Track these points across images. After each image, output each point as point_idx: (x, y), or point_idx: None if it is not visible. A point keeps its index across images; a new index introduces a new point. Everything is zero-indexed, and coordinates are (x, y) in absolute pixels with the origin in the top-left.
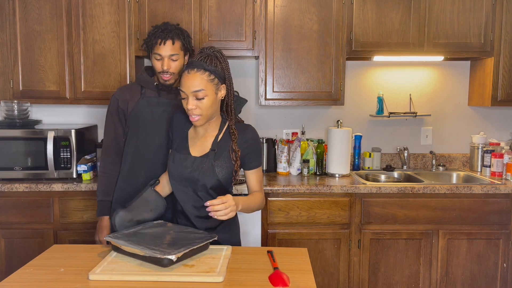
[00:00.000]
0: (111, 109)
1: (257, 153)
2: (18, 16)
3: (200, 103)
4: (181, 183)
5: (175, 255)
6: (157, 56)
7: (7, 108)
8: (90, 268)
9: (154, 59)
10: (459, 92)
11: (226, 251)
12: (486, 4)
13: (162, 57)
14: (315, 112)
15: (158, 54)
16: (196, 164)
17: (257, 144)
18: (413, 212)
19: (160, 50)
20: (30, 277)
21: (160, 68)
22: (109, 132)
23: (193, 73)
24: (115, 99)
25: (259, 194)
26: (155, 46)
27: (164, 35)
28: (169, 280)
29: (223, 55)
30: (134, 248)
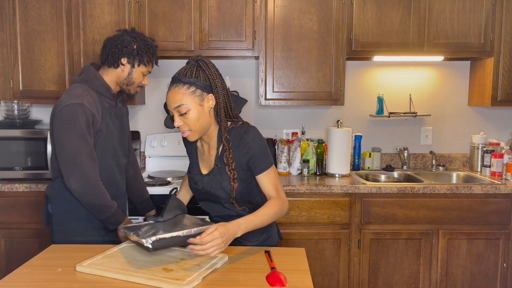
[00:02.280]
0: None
1: (261, 155)
2: (18, 16)
3: (185, 119)
4: (205, 201)
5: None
6: (146, 72)
7: (7, 108)
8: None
9: (141, 73)
10: (459, 92)
11: (217, 260)
12: (486, 4)
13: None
14: (315, 112)
15: (148, 72)
16: (206, 182)
17: (259, 144)
18: (413, 212)
19: (150, 69)
20: (27, 277)
21: (142, 82)
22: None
23: (172, 89)
24: (87, 108)
25: (272, 202)
26: (152, 64)
27: (157, 56)
28: (138, 281)
29: (207, 63)
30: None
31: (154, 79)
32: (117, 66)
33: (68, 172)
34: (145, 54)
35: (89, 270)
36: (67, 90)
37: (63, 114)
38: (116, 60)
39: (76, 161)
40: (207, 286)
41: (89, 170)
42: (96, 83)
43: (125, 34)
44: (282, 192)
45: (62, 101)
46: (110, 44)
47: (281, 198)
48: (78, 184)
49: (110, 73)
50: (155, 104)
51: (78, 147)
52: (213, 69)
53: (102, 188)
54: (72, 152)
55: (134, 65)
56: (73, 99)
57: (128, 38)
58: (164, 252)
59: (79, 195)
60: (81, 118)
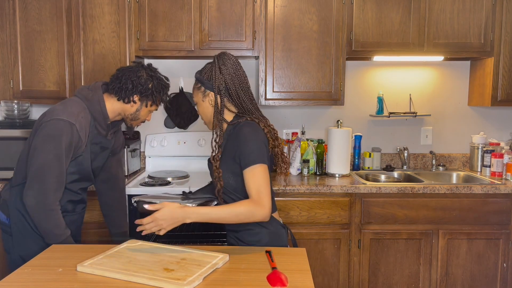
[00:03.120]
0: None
1: (249, 150)
2: (18, 16)
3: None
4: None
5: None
6: (153, 110)
7: (7, 108)
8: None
9: (148, 110)
10: (459, 92)
11: (218, 260)
12: (486, 4)
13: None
14: (315, 112)
15: (156, 109)
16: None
17: (250, 139)
18: (413, 212)
19: (158, 107)
20: (28, 277)
21: (146, 119)
22: (64, 165)
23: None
24: (76, 132)
25: (243, 202)
26: (162, 103)
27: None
28: (138, 281)
29: (220, 61)
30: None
31: None
32: (128, 102)
33: (29, 185)
34: (159, 95)
35: (90, 270)
36: (65, 101)
37: (50, 126)
38: (128, 96)
39: (42, 178)
40: (208, 286)
41: (50, 191)
42: (96, 108)
43: (142, 69)
44: (266, 197)
45: (55, 112)
46: (124, 77)
47: (259, 202)
48: (33, 201)
49: (117, 104)
50: None
51: (49, 165)
52: (225, 68)
53: (55, 214)
54: (41, 168)
55: (147, 104)
56: (66, 116)
57: (144, 76)
58: (165, 252)
59: (31, 212)
60: (65, 138)
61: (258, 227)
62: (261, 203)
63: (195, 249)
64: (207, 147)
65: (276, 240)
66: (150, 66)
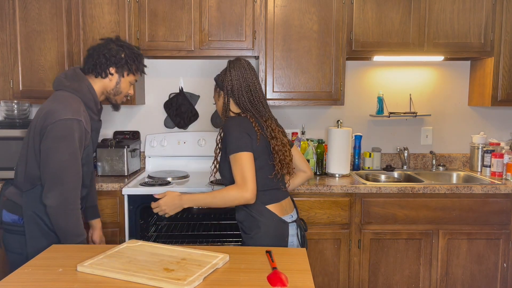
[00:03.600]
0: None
1: (230, 140)
2: (18, 16)
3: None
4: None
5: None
6: (133, 81)
7: (7, 108)
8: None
9: (129, 82)
10: (459, 92)
11: (218, 260)
12: (486, 4)
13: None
14: (315, 112)
15: (135, 81)
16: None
17: (232, 131)
18: (413, 212)
19: (138, 78)
20: (28, 277)
21: (129, 92)
22: (79, 162)
23: None
24: (83, 126)
25: (228, 187)
26: (139, 72)
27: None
28: (139, 281)
29: (231, 64)
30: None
31: (154, 79)
32: (105, 76)
33: (49, 187)
34: (134, 63)
35: (90, 270)
36: (60, 99)
37: (59, 127)
38: (104, 69)
39: (61, 179)
40: (208, 286)
41: (70, 191)
42: (89, 97)
43: (111, 43)
44: (249, 181)
45: (58, 112)
46: (96, 53)
47: (242, 185)
48: (55, 202)
49: (97, 83)
50: (155, 104)
51: (66, 165)
52: (232, 71)
53: (76, 213)
54: (59, 169)
55: (123, 74)
56: (71, 114)
57: (115, 47)
58: (165, 252)
59: (52, 212)
60: (76, 136)
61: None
62: (245, 186)
63: (195, 249)
64: (207, 147)
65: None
66: (118, 38)
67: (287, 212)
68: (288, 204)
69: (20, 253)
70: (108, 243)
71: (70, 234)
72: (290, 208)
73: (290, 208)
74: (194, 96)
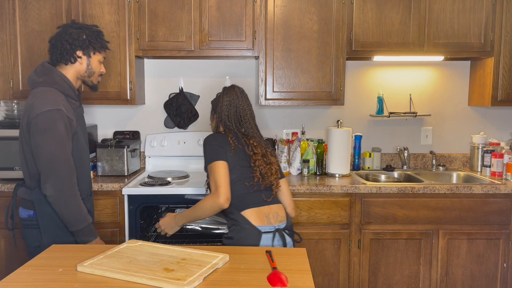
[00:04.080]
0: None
1: (204, 153)
2: (18, 16)
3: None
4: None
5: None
6: (101, 59)
7: (7, 108)
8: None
9: (98, 61)
10: (459, 92)
11: (218, 260)
12: (486, 4)
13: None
14: (315, 112)
15: (104, 58)
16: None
17: (204, 145)
18: (413, 212)
19: (105, 55)
20: (28, 277)
21: (101, 70)
22: (68, 150)
23: None
24: (64, 115)
25: (204, 198)
26: (104, 49)
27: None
28: (139, 281)
29: (224, 91)
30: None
31: (154, 79)
32: (75, 60)
33: (44, 179)
34: (97, 41)
35: (90, 270)
36: (37, 94)
37: (41, 121)
38: (71, 54)
39: (52, 168)
40: (208, 286)
41: (64, 179)
42: (64, 86)
43: (69, 28)
44: (221, 188)
45: (37, 106)
46: (59, 42)
47: (215, 193)
48: (52, 191)
49: (69, 69)
50: (155, 104)
51: (54, 154)
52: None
53: (76, 199)
54: (49, 160)
55: (90, 54)
56: (50, 105)
57: (74, 31)
58: (165, 252)
59: (53, 202)
60: (60, 125)
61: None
62: (216, 193)
63: (195, 249)
64: None
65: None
66: (74, 21)
67: (269, 222)
68: (274, 215)
69: (38, 245)
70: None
71: (74, 220)
72: (276, 219)
73: (276, 218)
74: (194, 96)
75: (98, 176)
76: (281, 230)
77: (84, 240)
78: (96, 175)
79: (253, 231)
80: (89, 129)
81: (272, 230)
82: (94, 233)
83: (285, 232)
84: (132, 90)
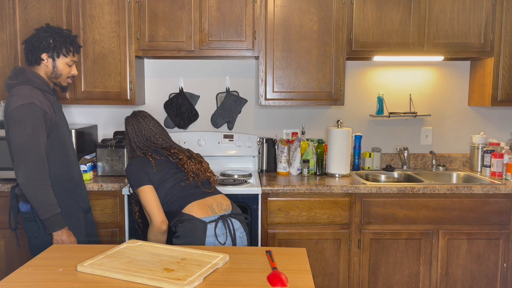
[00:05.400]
0: (36, 117)
1: (129, 179)
2: (18, 16)
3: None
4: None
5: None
6: (70, 62)
7: None
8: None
9: (66, 64)
10: (459, 92)
11: (218, 260)
12: (486, 4)
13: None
14: (315, 112)
15: (74, 61)
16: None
17: (127, 171)
18: (413, 212)
19: (75, 58)
20: (28, 277)
21: (70, 72)
22: (38, 142)
23: None
24: (38, 108)
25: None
26: (73, 53)
27: (78, 45)
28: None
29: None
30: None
31: (154, 79)
32: (40, 62)
33: (16, 167)
34: (63, 46)
35: (90, 270)
36: (13, 92)
37: (14, 115)
38: (36, 57)
39: (22, 158)
40: (208, 286)
41: (33, 168)
42: (37, 82)
43: (40, 31)
44: (151, 214)
45: (12, 102)
46: (28, 44)
47: (152, 222)
48: (22, 179)
49: (38, 70)
50: (155, 104)
51: (23, 145)
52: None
53: (44, 188)
54: (19, 150)
55: (54, 58)
56: (24, 100)
57: (43, 34)
58: (165, 252)
59: (23, 189)
60: (30, 118)
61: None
62: (152, 221)
63: (195, 249)
64: (207, 147)
65: (190, 233)
66: (48, 25)
67: (213, 212)
68: (218, 204)
69: (36, 236)
70: (108, 243)
71: (41, 209)
72: (221, 208)
73: (220, 207)
74: (194, 96)
75: (98, 176)
76: (226, 217)
77: (50, 229)
78: (96, 175)
79: (198, 223)
80: (89, 129)
81: (215, 218)
82: (61, 223)
83: (231, 217)
84: (132, 90)
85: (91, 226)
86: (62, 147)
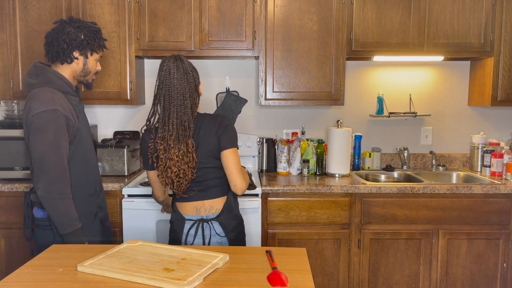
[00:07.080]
0: (59, 125)
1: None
2: (18, 16)
3: None
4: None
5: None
6: (98, 58)
7: (7, 108)
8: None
9: (95, 60)
10: (459, 92)
11: (218, 260)
12: (486, 4)
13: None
14: (315, 112)
15: (100, 56)
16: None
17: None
18: (413, 212)
19: (102, 54)
20: (28, 277)
21: (97, 68)
22: (60, 152)
23: None
24: (61, 114)
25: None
26: (102, 48)
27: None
28: (139, 281)
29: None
30: None
31: (154, 79)
32: (71, 61)
33: (37, 178)
34: (95, 41)
35: (90, 270)
36: (33, 96)
37: (35, 122)
38: (68, 55)
39: (43, 169)
40: (208, 286)
41: (55, 180)
42: (59, 83)
43: (67, 25)
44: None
45: (33, 107)
46: (55, 40)
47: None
48: (43, 192)
49: (65, 69)
50: None
51: (44, 156)
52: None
53: (65, 202)
54: (40, 160)
55: (87, 55)
56: (46, 106)
57: (72, 30)
58: (165, 252)
59: (43, 202)
60: (52, 126)
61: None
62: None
63: (195, 249)
64: None
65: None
66: (72, 18)
67: (199, 213)
68: (208, 207)
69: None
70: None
71: (61, 223)
72: (210, 210)
73: (210, 210)
74: None
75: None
76: (206, 220)
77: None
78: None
79: (179, 218)
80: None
81: (195, 219)
82: (81, 239)
83: (211, 222)
84: (132, 90)
85: (107, 232)
86: (83, 155)
